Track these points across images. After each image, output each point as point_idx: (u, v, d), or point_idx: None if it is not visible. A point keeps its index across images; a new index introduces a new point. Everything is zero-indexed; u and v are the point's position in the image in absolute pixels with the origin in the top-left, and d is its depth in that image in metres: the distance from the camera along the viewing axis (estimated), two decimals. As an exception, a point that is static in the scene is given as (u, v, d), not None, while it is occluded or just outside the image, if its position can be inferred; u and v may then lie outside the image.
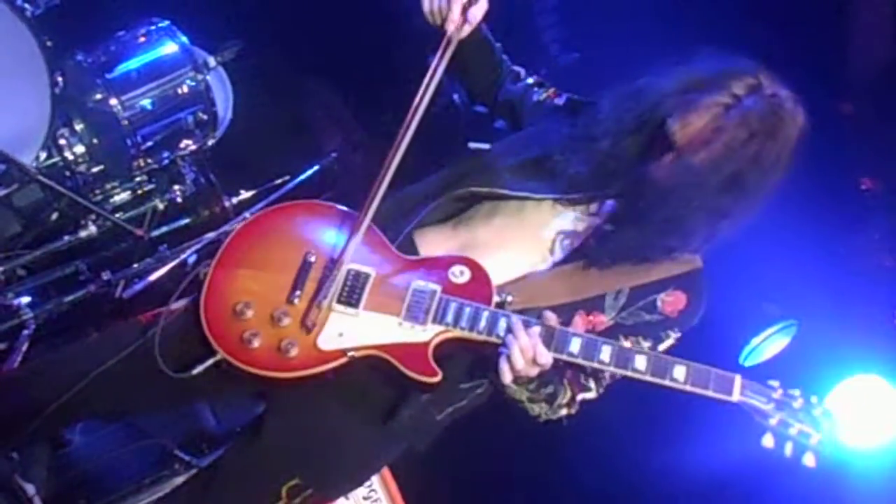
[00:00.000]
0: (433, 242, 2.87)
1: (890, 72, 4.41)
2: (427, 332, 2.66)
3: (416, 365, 2.63)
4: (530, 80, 3.15)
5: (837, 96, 4.48)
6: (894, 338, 4.52)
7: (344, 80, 5.09)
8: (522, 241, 2.85)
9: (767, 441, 2.58)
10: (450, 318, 2.65)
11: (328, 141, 5.12)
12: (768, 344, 4.78)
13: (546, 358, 2.57)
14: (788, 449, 2.56)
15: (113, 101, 4.06)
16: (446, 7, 2.89)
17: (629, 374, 2.60)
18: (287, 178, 4.93)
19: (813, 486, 4.37)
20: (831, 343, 4.55)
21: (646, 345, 2.79)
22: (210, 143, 4.46)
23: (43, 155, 4.08)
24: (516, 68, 3.20)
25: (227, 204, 4.66)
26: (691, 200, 2.62)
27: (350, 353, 2.65)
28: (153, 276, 4.29)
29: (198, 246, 4.50)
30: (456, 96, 5.32)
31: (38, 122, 3.90)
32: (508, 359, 2.57)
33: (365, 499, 4.46)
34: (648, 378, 2.59)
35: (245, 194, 4.80)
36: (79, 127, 4.09)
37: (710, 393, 2.57)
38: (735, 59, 2.72)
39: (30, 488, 4.12)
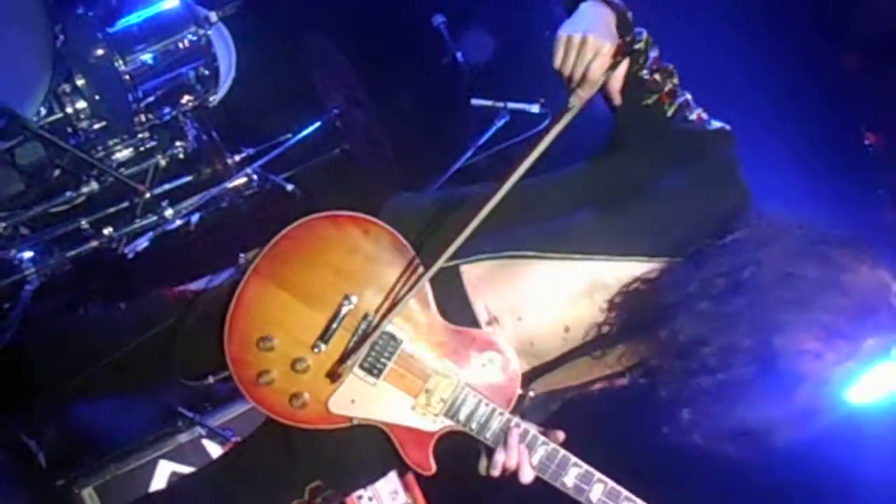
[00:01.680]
0: (480, 274, 2.64)
1: (893, 25, 4.38)
2: (436, 424, 2.59)
3: (416, 455, 2.60)
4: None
5: (842, 50, 4.45)
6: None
7: (345, 37, 5.06)
8: (574, 292, 2.62)
9: None
10: (462, 416, 2.57)
11: (330, 98, 5.10)
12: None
13: (527, 479, 2.52)
14: None
15: (114, 56, 4.03)
16: (583, 70, 2.46)
17: None
18: (289, 135, 4.93)
19: (817, 440, 4.39)
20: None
21: None
22: (212, 99, 4.44)
23: (44, 111, 4.06)
24: None
25: (229, 161, 4.65)
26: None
27: (356, 421, 2.61)
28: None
29: (200, 203, 4.51)
30: (459, 54, 5.33)
31: (38, 77, 3.88)
32: (490, 464, 2.54)
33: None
34: None
35: (247, 151, 4.80)
36: (80, 82, 4.06)
37: None
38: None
39: (33, 445, 4.14)
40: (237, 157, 4.74)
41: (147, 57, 4.16)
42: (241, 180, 4.67)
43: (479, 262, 2.60)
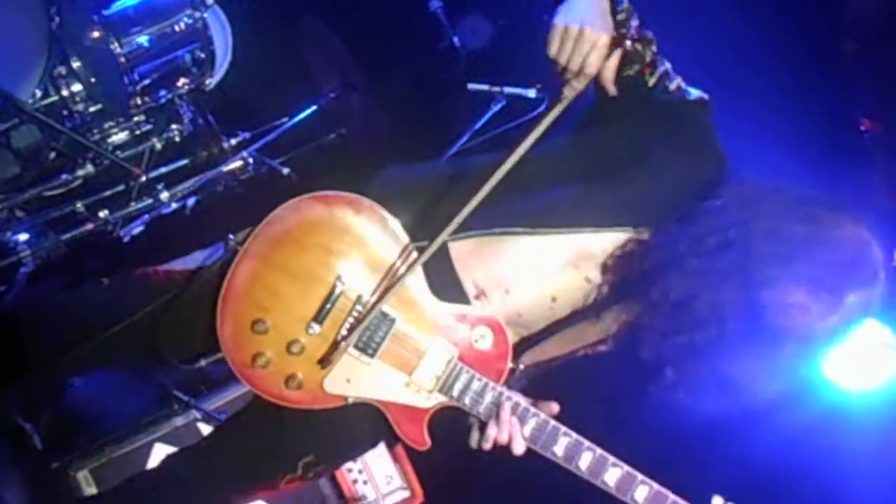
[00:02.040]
0: (468, 249, 2.67)
1: (892, 10, 4.37)
2: (430, 400, 2.62)
3: (411, 431, 2.63)
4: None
5: (838, 34, 4.44)
6: (891, 281, 4.52)
7: (342, 20, 5.05)
8: (560, 264, 2.66)
9: None
10: (455, 391, 2.61)
11: (326, 82, 5.09)
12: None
13: (520, 450, 2.60)
14: None
15: (110, 39, 4.02)
16: (580, 63, 2.44)
17: (597, 484, 2.61)
18: (285, 119, 4.93)
19: (811, 427, 4.40)
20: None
21: None
22: (208, 82, 4.43)
23: (39, 93, 4.06)
24: None
25: (224, 145, 4.65)
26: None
27: (350, 400, 2.63)
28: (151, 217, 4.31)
29: (196, 186, 4.51)
30: (456, 39, 5.32)
31: (34, 60, 3.88)
32: (482, 438, 2.60)
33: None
34: (612, 492, 2.61)
35: (243, 135, 4.79)
36: (76, 65, 4.06)
37: None
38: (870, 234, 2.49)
39: (29, 427, 4.14)
40: (233, 141, 4.74)
41: (143, 40, 4.14)
42: (236, 164, 4.66)
43: (467, 239, 2.62)
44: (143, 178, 4.35)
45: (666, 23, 2.80)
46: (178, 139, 4.49)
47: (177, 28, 4.19)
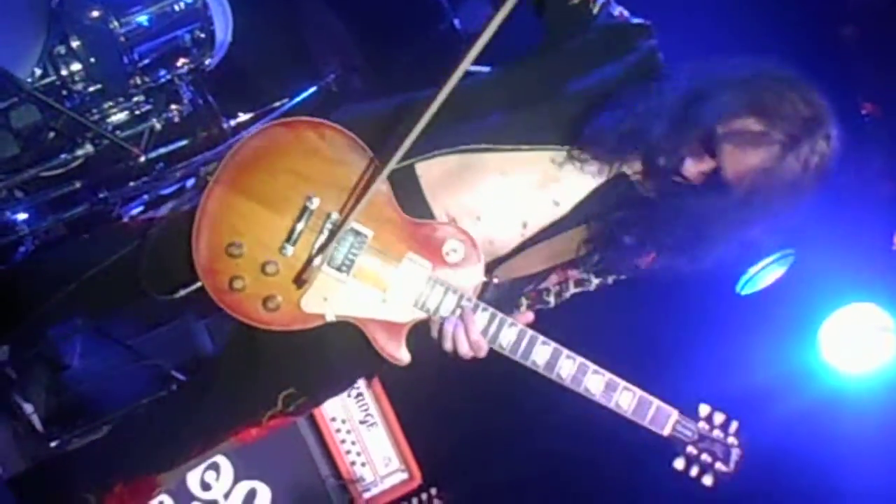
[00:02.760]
0: (436, 177, 2.75)
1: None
2: (406, 315, 2.68)
3: (389, 346, 2.68)
4: None
5: (839, 19, 4.43)
6: (891, 266, 4.53)
7: (343, 2, 5.04)
8: (528, 188, 2.75)
9: (679, 464, 2.77)
10: (431, 305, 2.67)
11: (326, 63, 5.08)
12: (765, 273, 4.80)
13: (480, 346, 2.65)
14: (694, 471, 2.76)
15: (110, 18, 4.00)
16: None
17: (580, 391, 2.68)
18: (285, 100, 4.92)
19: (810, 410, 4.42)
20: (828, 272, 4.57)
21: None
22: (208, 63, 4.41)
23: (38, 72, 4.04)
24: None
25: (224, 126, 4.63)
26: (715, 213, 2.59)
27: (329, 318, 2.67)
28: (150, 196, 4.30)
29: (194, 167, 4.50)
30: (456, 21, 5.30)
31: (33, 39, 3.86)
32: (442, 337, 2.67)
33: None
34: (595, 399, 2.69)
35: (243, 116, 4.78)
36: (75, 44, 4.02)
37: (645, 423, 2.71)
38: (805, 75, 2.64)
39: (28, 407, 4.15)
40: (233, 122, 4.72)
41: (143, 19, 4.12)
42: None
43: (435, 159, 2.70)
44: (143, 159, 4.34)
45: (664, 7, 2.84)
46: (177, 119, 4.47)
47: (177, 8, 4.16)
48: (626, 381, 2.68)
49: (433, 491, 4.81)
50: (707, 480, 2.76)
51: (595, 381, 2.67)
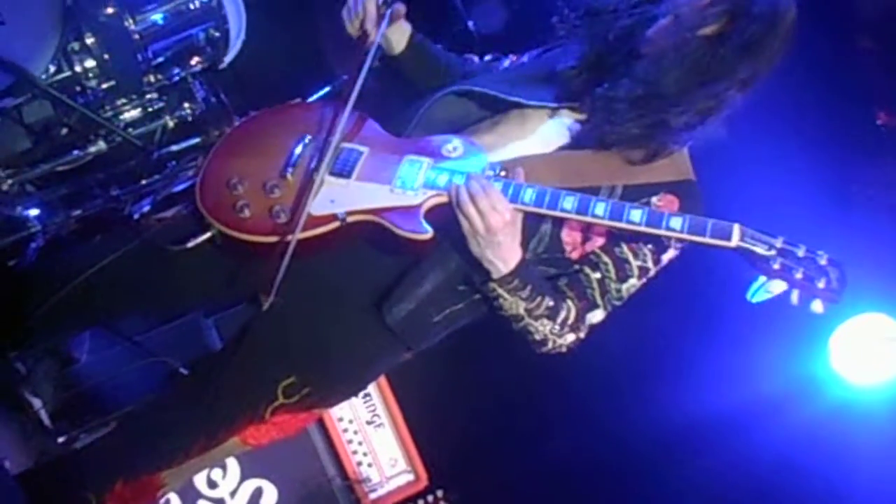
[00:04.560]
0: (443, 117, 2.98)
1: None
2: (418, 196, 2.68)
3: (408, 224, 2.64)
4: (487, 58, 3.30)
5: (855, 30, 4.43)
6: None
7: (357, 2, 5.02)
8: (525, 146, 2.87)
9: (776, 287, 2.48)
10: (441, 182, 2.68)
11: (340, 64, 5.07)
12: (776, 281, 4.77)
13: (502, 205, 2.56)
14: (794, 297, 2.48)
15: (125, 15, 4.01)
16: (362, 11, 3.18)
17: (623, 225, 2.54)
18: (298, 100, 4.90)
19: (819, 420, 4.41)
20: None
21: (647, 251, 2.81)
22: (222, 62, 4.42)
23: (52, 68, 4.04)
24: (469, 56, 3.34)
25: (237, 124, 4.63)
26: (683, 61, 2.65)
27: (341, 217, 2.68)
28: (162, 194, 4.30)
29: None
30: (470, 23, 5.29)
31: (48, 35, 3.86)
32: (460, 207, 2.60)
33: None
34: (644, 229, 2.55)
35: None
36: (89, 41, 4.03)
37: (707, 240, 2.49)
38: None
39: (36, 402, 4.16)
40: (245, 121, 4.73)
41: (157, 17, 4.13)
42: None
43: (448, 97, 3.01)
44: (155, 156, 4.35)
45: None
46: (190, 118, 4.48)
47: (191, 6, 4.18)
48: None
49: (440, 493, 4.81)
50: (816, 307, 2.45)
51: (636, 213, 2.54)
